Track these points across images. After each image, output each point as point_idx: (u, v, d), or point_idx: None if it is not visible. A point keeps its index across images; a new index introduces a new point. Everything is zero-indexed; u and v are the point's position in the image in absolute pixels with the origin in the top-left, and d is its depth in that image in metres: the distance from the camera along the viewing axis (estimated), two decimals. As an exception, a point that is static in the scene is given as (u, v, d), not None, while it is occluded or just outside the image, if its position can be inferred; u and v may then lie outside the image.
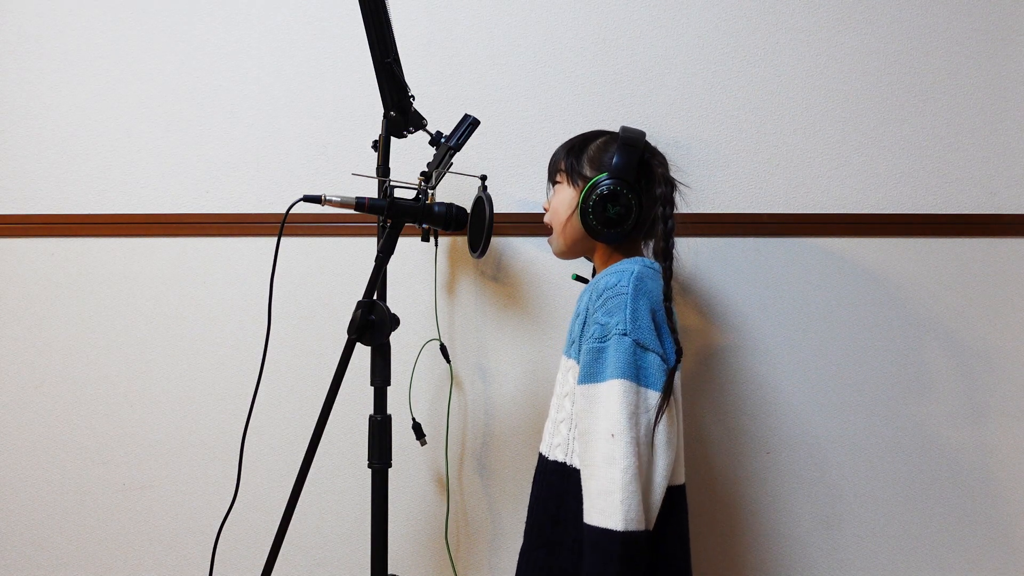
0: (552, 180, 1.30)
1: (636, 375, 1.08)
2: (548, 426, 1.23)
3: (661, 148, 1.28)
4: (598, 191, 1.17)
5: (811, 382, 1.56)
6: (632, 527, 1.03)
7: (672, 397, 1.11)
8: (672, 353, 1.12)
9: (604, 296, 1.12)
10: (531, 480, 1.25)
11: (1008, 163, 1.57)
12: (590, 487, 1.07)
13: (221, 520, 1.27)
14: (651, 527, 1.08)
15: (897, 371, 1.55)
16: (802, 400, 1.56)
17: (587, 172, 1.22)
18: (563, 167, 1.25)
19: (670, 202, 1.20)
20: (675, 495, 1.14)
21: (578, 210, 1.20)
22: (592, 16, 1.59)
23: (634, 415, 1.06)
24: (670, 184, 1.21)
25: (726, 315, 1.56)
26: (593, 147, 1.24)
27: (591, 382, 1.10)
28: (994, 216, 1.57)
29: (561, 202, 1.25)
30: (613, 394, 1.07)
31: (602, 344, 1.10)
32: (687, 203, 1.33)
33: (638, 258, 1.21)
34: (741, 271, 1.56)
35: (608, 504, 1.04)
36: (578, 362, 1.16)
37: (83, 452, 1.61)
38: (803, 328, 1.56)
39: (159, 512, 1.60)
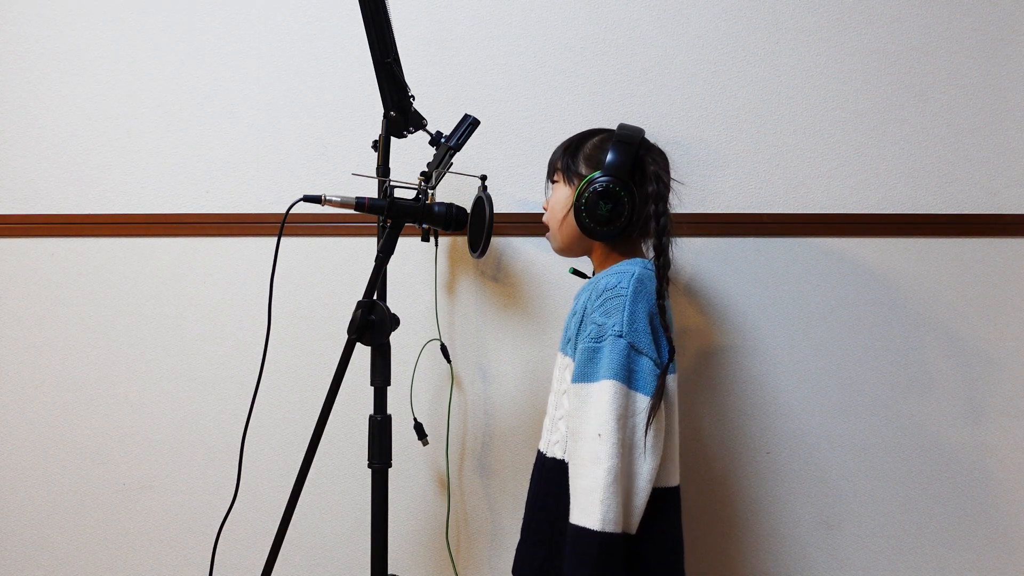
0: (550, 179, 1.30)
1: (628, 378, 1.08)
2: (546, 423, 1.23)
3: (661, 148, 1.27)
4: (591, 189, 1.17)
5: (811, 382, 1.56)
6: (609, 528, 1.03)
7: (666, 400, 1.11)
8: (667, 355, 1.12)
9: (603, 297, 1.12)
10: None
11: (1008, 163, 1.57)
12: (576, 485, 1.08)
13: (221, 520, 1.27)
14: (633, 531, 1.08)
15: (897, 371, 1.55)
16: (802, 400, 1.56)
17: (583, 170, 1.22)
18: (560, 166, 1.25)
19: (662, 199, 1.19)
20: (668, 497, 1.15)
21: (572, 208, 1.20)
22: (592, 16, 1.59)
23: (622, 417, 1.07)
24: (661, 182, 1.20)
25: (726, 315, 1.56)
26: (589, 145, 1.24)
27: (584, 381, 1.10)
28: (994, 216, 1.56)
29: (558, 201, 1.25)
30: (604, 395, 1.07)
31: (597, 344, 1.10)
32: (681, 202, 1.33)
33: (638, 259, 1.21)
34: (741, 271, 1.56)
35: (589, 503, 1.04)
36: (573, 359, 1.16)
37: (83, 452, 1.61)
38: (803, 328, 1.56)
39: (159, 512, 1.60)
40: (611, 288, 1.12)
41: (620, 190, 1.16)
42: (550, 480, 1.18)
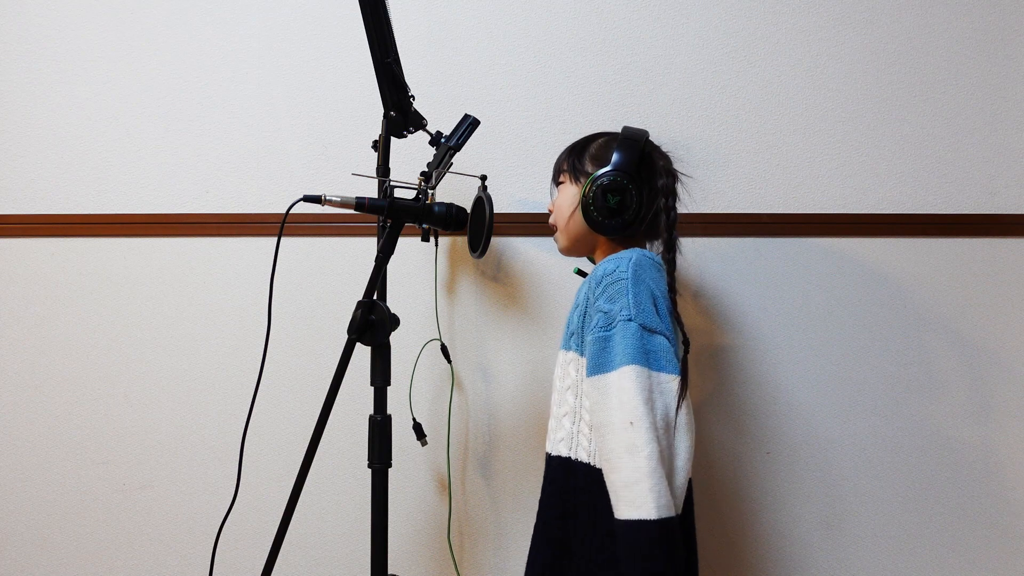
0: (556, 181, 1.30)
1: (646, 359, 1.06)
2: (551, 424, 1.22)
3: (662, 148, 1.27)
4: (598, 183, 1.18)
5: (811, 382, 1.56)
6: (664, 513, 1.01)
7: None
8: (674, 338, 1.12)
9: (604, 283, 1.12)
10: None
11: (1008, 163, 1.57)
12: (614, 480, 1.05)
13: (221, 520, 1.27)
14: (678, 511, 1.07)
15: (897, 371, 1.55)
16: (802, 400, 1.56)
17: (589, 169, 1.22)
18: (565, 167, 1.26)
19: (672, 193, 1.20)
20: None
21: (579, 203, 1.20)
22: (592, 16, 1.59)
23: (649, 400, 1.04)
24: (671, 176, 1.21)
25: (726, 315, 1.56)
26: (595, 146, 1.25)
27: (600, 372, 1.08)
28: (994, 216, 1.57)
29: (564, 199, 1.25)
30: (626, 381, 1.05)
31: (608, 332, 1.08)
32: (692, 197, 1.33)
33: (635, 248, 1.20)
34: (741, 271, 1.56)
35: (636, 494, 1.01)
36: (579, 354, 1.15)
37: (83, 452, 1.61)
38: (803, 328, 1.56)
39: (159, 512, 1.60)
40: (610, 274, 1.12)
41: (627, 183, 1.17)
42: (556, 479, 1.17)
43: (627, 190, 1.17)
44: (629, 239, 1.23)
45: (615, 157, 1.18)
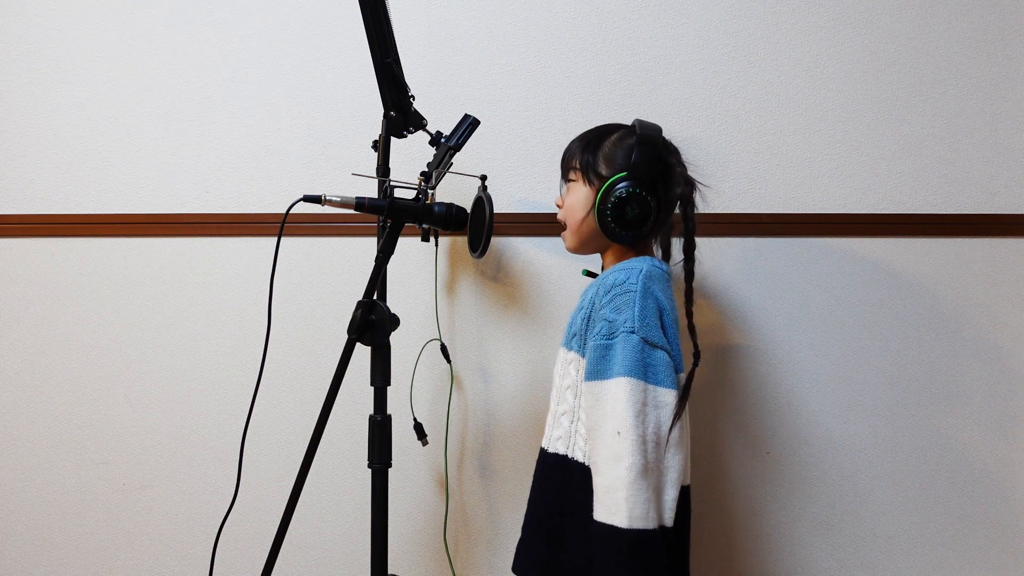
0: (565, 177, 1.27)
1: (644, 372, 1.07)
2: (549, 419, 1.23)
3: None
4: (616, 194, 1.15)
5: (811, 382, 1.56)
6: (638, 525, 1.02)
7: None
8: (678, 352, 1.12)
9: (612, 293, 1.12)
10: (531, 479, 1.24)
11: (1008, 163, 1.57)
12: (597, 483, 1.07)
13: (221, 520, 1.27)
14: (669, 523, 1.07)
15: (897, 371, 1.55)
16: (802, 400, 1.56)
17: (603, 171, 1.19)
18: (578, 164, 1.22)
19: (690, 202, 1.17)
20: (680, 496, 1.14)
21: (595, 211, 1.18)
22: (592, 16, 1.59)
23: (641, 413, 1.06)
24: (690, 184, 1.18)
25: (726, 315, 1.56)
26: (608, 143, 1.20)
27: (598, 379, 1.09)
28: (994, 216, 1.56)
29: (576, 200, 1.22)
30: (620, 392, 1.06)
31: (609, 341, 1.09)
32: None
33: (646, 257, 1.20)
34: (741, 271, 1.56)
35: (613, 501, 1.04)
36: (579, 355, 1.16)
37: (83, 452, 1.61)
38: (803, 328, 1.56)
39: (159, 512, 1.60)
40: (619, 284, 1.12)
41: (646, 195, 1.14)
42: (552, 476, 1.17)
43: (646, 202, 1.14)
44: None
45: (632, 161, 1.15)
